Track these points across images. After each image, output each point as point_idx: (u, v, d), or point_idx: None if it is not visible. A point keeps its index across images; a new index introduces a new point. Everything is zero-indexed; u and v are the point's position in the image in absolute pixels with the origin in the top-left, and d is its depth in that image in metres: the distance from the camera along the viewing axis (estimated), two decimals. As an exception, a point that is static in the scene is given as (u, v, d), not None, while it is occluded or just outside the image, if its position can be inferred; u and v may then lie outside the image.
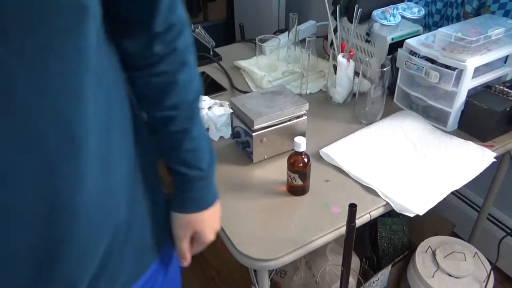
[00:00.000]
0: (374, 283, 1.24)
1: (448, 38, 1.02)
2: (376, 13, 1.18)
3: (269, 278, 0.86)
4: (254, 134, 0.94)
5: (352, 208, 0.71)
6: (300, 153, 0.86)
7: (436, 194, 0.90)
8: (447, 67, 1.01)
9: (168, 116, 0.61)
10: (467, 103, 1.04)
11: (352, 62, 1.14)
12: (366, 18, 1.19)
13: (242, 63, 1.39)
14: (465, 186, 0.93)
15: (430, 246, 1.23)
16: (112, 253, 0.56)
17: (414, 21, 1.24)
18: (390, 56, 1.18)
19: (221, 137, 1.08)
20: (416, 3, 1.36)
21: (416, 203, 0.87)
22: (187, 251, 0.70)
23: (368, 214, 0.85)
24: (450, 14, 1.36)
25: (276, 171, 0.95)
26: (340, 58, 1.12)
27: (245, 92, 1.23)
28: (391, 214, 1.31)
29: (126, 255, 0.60)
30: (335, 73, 1.16)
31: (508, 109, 1.01)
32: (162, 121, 0.62)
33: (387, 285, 1.30)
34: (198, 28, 1.40)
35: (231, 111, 1.01)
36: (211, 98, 1.18)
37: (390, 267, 1.25)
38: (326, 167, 0.97)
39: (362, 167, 0.96)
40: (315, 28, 1.54)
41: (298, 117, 0.98)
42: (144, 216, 0.62)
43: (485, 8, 1.23)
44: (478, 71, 1.03)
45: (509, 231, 1.50)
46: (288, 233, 0.81)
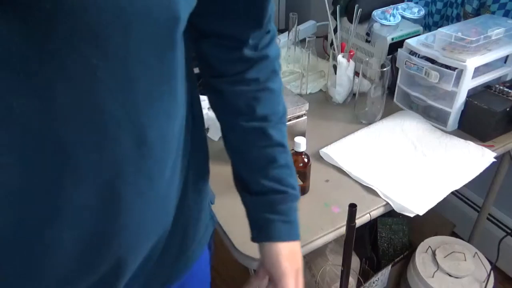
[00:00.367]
0: (374, 283, 1.24)
1: (448, 38, 1.02)
2: (376, 13, 1.18)
3: (269, 278, 0.86)
4: (254, 134, 0.94)
5: (352, 208, 0.72)
6: (300, 153, 0.86)
7: (436, 194, 0.90)
8: (447, 67, 1.01)
9: (259, 127, 0.56)
10: (467, 103, 1.04)
11: (352, 62, 1.14)
12: (366, 18, 1.19)
13: (242, 63, 1.39)
14: (465, 186, 0.93)
15: (430, 246, 1.23)
16: (151, 258, 0.53)
17: (414, 21, 1.24)
18: (390, 56, 1.18)
19: (221, 137, 1.07)
20: (416, 3, 1.36)
21: (416, 203, 0.87)
22: None
23: (368, 214, 0.85)
24: (450, 14, 1.36)
25: (276, 171, 0.95)
26: (340, 58, 1.12)
27: (245, 92, 1.23)
28: (391, 214, 1.30)
29: (163, 263, 0.57)
30: (335, 73, 1.16)
31: (508, 109, 1.01)
32: (253, 133, 0.56)
33: (387, 285, 1.30)
34: (198, 28, 1.40)
35: (231, 111, 1.01)
36: (211, 98, 1.18)
37: (390, 267, 1.25)
38: (326, 167, 0.97)
39: (362, 167, 0.96)
40: (315, 28, 1.54)
41: (298, 117, 0.98)
42: (186, 225, 0.58)
43: (485, 8, 1.23)
44: (478, 71, 1.03)
45: (509, 231, 1.50)
46: (288, 233, 0.81)
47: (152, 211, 0.48)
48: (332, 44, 1.23)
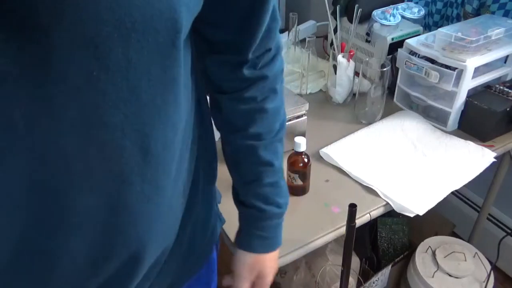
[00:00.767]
0: (374, 283, 1.24)
1: (448, 38, 1.02)
2: (376, 13, 1.18)
3: (269, 278, 0.86)
4: (254, 134, 0.94)
5: (352, 208, 0.71)
6: (300, 153, 0.86)
7: (436, 194, 0.90)
8: (447, 67, 1.01)
9: (251, 145, 0.57)
10: (467, 103, 1.04)
11: (352, 62, 1.14)
12: (366, 18, 1.19)
13: (242, 63, 1.39)
14: (465, 186, 0.93)
15: (430, 246, 1.23)
16: (160, 261, 0.54)
17: (414, 21, 1.24)
18: (390, 56, 1.18)
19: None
20: (416, 3, 1.36)
21: (416, 203, 0.87)
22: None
23: (368, 214, 0.85)
24: (450, 14, 1.36)
25: (276, 171, 0.95)
26: (340, 58, 1.12)
27: (245, 92, 1.23)
28: (391, 214, 1.30)
29: (171, 264, 0.57)
30: (335, 73, 1.16)
31: (508, 109, 1.01)
32: (244, 151, 0.58)
33: (387, 285, 1.30)
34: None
35: (231, 111, 1.01)
36: (211, 98, 1.18)
37: (390, 267, 1.25)
38: (326, 167, 0.97)
39: (362, 167, 0.96)
40: (315, 28, 1.54)
41: (298, 117, 0.98)
42: (194, 226, 0.59)
43: (485, 8, 1.23)
44: (478, 71, 1.03)
45: (509, 231, 1.50)
46: (288, 233, 0.81)
47: (160, 217, 0.48)
48: (332, 44, 1.23)
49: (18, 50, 0.31)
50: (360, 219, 0.84)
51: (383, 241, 1.36)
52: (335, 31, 1.22)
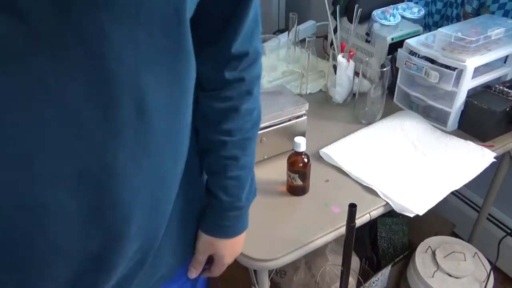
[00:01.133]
0: (374, 283, 1.24)
1: (448, 38, 1.02)
2: (376, 13, 1.18)
3: (269, 278, 0.86)
4: (254, 134, 0.94)
5: (352, 208, 0.71)
6: (300, 153, 0.86)
7: (436, 194, 0.90)
8: (447, 67, 1.01)
9: (220, 140, 0.61)
10: (467, 103, 1.04)
11: (352, 62, 1.14)
12: (366, 18, 1.19)
13: (242, 63, 1.39)
14: (465, 186, 0.93)
15: (430, 246, 1.23)
16: (152, 246, 0.57)
17: (414, 21, 1.24)
18: (390, 56, 1.18)
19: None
20: (416, 3, 1.36)
21: (416, 203, 0.87)
22: (200, 264, 0.70)
23: (368, 214, 0.85)
24: (450, 14, 1.36)
25: (276, 171, 0.95)
26: (340, 58, 1.12)
27: (245, 92, 1.23)
28: (391, 214, 1.30)
29: (163, 251, 0.61)
30: (335, 73, 1.16)
31: (508, 109, 1.01)
32: (214, 144, 0.62)
33: (387, 285, 1.30)
34: (198, 28, 1.40)
35: (231, 111, 1.01)
36: (211, 98, 1.18)
37: (390, 267, 1.25)
38: (326, 167, 0.97)
39: (362, 167, 0.96)
40: (315, 28, 1.53)
41: (298, 117, 0.98)
42: (184, 209, 0.63)
43: (485, 8, 1.23)
44: (478, 71, 1.03)
45: (509, 231, 1.50)
46: (288, 233, 0.81)
47: (149, 187, 0.50)
48: (332, 44, 1.23)
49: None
50: (360, 219, 0.84)
51: (383, 241, 1.36)
52: (335, 31, 1.22)
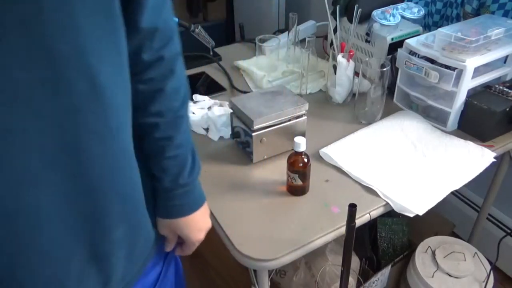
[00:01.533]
0: (374, 283, 1.24)
1: (448, 38, 1.02)
2: (376, 13, 1.18)
3: (269, 278, 0.86)
4: (254, 134, 0.94)
5: (352, 208, 0.71)
6: (300, 153, 0.86)
7: (436, 194, 0.90)
8: (447, 67, 1.01)
9: (152, 123, 0.62)
10: (467, 103, 1.04)
11: (352, 62, 1.14)
12: (366, 18, 1.19)
13: (242, 63, 1.39)
14: (465, 186, 0.93)
15: (430, 246, 1.23)
16: (132, 228, 0.59)
17: (414, 21, 1.24)
18: (390, 56, 1.18)
19: (221, 137, 1.08)
20: (416, 3, 1.36)
21: (416, 203, 0.87)
22: (170, 242, 0.72)
23: (368, 214, 0.85)
24: (450, 14, 1.36)
25: (276, 171, 0.95)
26: (340, 58, 1.12)
27: (245, 92, 1.23)
28: (391, 214, 1.30)
29: (142, 228, 0.63)
30: (335, 73, 1.16)
31: (508, 109, 1.01)
32: (146, 127, 0.62)
33: (387, 285, 1.30)
34: (198, 28, 1.40)
35: (231, 111, 1.01)
36: (211, 98, 1.18)
37: (390, 267, 1.25)
38: (326, 167, 0.97)
39: (362, 167, 0.96)
40: (315, 28, 1.53)
41: (298, 117, 0.98)
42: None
43: (484, 8, 1.23)
44: (478, 71, 1.03)
45: (508, 231, 1.50)
46: (288, 233, 0.81)
47: (121, 167, 0.53)
48: (332, 44, 1.23)
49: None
50: (360, 219, 0.84)
51: (383, 241, 1.36)
52: (335, 31, 1.22)
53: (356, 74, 1.16)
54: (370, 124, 1.11)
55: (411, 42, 1.09)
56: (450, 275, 1.15)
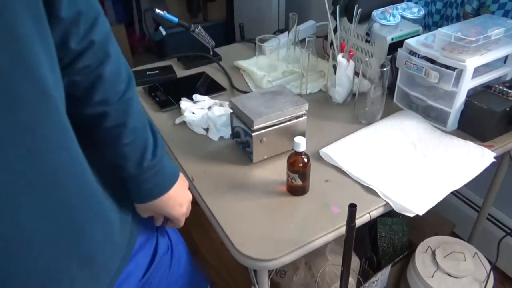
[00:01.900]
0: (374, 283, 1.24)
1: (448, 38, 1.02)
2: (376, 13, 1.18)
3: (269, 278, 0.86)
4: (254, 134, 0.94)
5: (352, 208, 0.71)
6: (300, 153, 0.86)
7: (436, 194, 0.90)
8: (447, 67, 1.01)
9: (99, 112, 0.58)
10: (467, 103, 1.04)
11: (352, 62, 1.14)
12: (366, 18, 1.19)
13: (242, 63, 1.39)
14: (465, 186, 0.93)
15: (430, 246, 1.23)
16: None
17: (414, 21, 1.24)
18: (390, 56, 1.18)
19: (221, 137, 1.08)
20: (416, 3, 1.36)
21: (416, 203, 0.87)
22: (157, 220, 0.74)
23: (368, 214, 0.85)
24: (450, 14, 1.36)
25: (276, 171, 0.95)
26: (340, 58, 1.12)
27: (245, 92, 1.23)
28: (391, 214, 1.30)
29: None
30: (335, 73, 1.16)
31: (508, 109, 1.01)
32: (94, 118, 0.59)
33: (387, 285, 1.30)
34: (198, 28, 1.40)
35: (231, 111, 1.01)
36: (211, 98, 1.18)
37: (390, 267, 1.25)
38: (326, 167, 0.97)
39: (362, 167, 0.96)
40: (315, 28, 1.54)
41: (298, 117, 0.98)
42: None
43: (484, 8, 1.23)
44: (478, 71, 1.03)
45: (509, 231, 1.50)
46: (288, 233, 0.81)
47: (77, 173, 0.53)
48: (332, 44, 1.23)
49: None
50: (360, 219, 0.84)
51: (383, 241, 1.36)
52: (335, 31, 1.22)
53: (356, 74, 1.16)
54: (370, 124, 1.11)
55: (411, 42, 1.09)
56: (450, 275, 1.15)
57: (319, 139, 1.04)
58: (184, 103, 1.14)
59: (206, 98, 1.17)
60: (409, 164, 0.98)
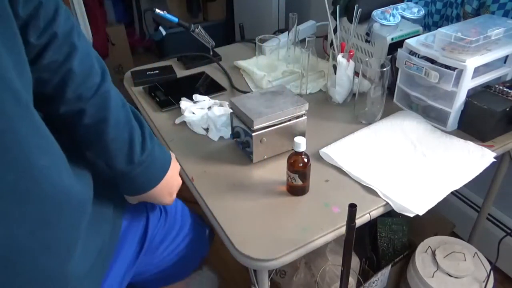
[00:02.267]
0: (374, 283, 1.24)
1: (448, 38, 1.02)
2: (376, 13, 1.18)
3: (269, 278, 0.86)
4: (254, 134, 0.94)
5: (352, 208, 0.71)
6: (300, 153, 0.86)
7: (436, 194, 0.90)
8: (447, 67, 1.01)
9: (75, 110, 0.54)
10: (467, 103, 1.04)
11: (352, 62, 1.14)
12: (366, 18, 1.19)
13: (242, 63, 1.39)
14: (465, 186, 0.92)
15: (430, 246, 1.23)
16: None
17: (414, 21, 1.24)
18: (390, 56, 1.18)
19: (221, 137, 1.08)
20: (416, 3, 1.36)
21: (416, 203, 0.87)
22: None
23: (368, 214, 0.85)
24: (450, 14, 1.36)
25: (276, 171, 0.95)
26: (340, 58, 1.12)
27: (245, 92, 1.23)
28: (391, 214, 1.30)
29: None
30: (335, 73, 1.16)
31: (508, 109, 1.01)
32: (71, 116, 0.55)
33: (387, 285, 1.30)
34: (198, 28, 1.40)
35: (231, 111, 1.01)
36: (211, 98, 1.18)
37: (390, 267, 1.25)
38: (326, 167, 0.97)
39: (362, 167, 0.96)
40: (315, 28, 1.54)
41: (298, 117, 0.98)
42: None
43: (484, 8, 1.23)
44: (478, 71, 1.03)
45: (509, 231, 1.50)
46: (288, 233, 0.81)
47: (62, 170, 0.50)
48: (332, 44, 1.23)
49: None
50: (360, 219, 0.84)
51: (383, 241, 1.36)
52: (335, 31, 1.22)
53: (356, 74, 1.16)
54: (370, 124, 1.11)
55: (411, 42, 1.09)
56: (450, 275, 1.15)
57: (319, 139, 1.04)
58: (184, 103, 1.14)
59: (206, 98, 1.17)
60: (409, 164, 0.98)
